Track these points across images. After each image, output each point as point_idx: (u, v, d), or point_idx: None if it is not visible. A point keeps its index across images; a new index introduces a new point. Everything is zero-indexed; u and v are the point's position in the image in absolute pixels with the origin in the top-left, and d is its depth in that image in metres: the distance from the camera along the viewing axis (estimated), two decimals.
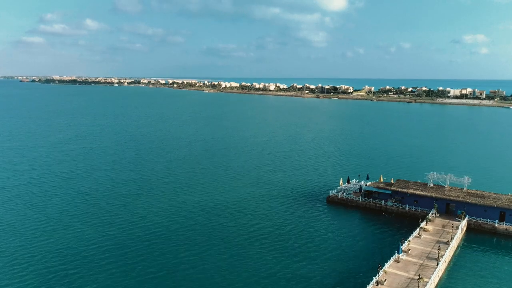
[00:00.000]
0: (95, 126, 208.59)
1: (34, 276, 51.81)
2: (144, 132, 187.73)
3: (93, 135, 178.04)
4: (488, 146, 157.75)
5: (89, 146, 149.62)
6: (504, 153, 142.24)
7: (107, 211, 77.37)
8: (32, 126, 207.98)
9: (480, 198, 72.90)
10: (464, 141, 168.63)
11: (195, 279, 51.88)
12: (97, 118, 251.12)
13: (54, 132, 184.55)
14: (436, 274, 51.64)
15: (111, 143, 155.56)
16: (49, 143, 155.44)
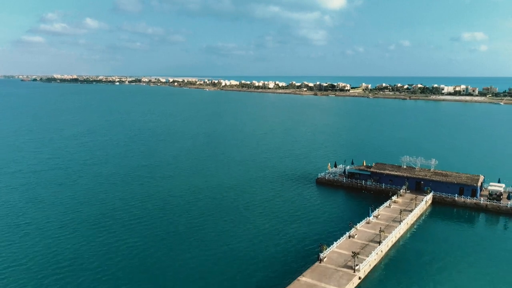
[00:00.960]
0: (103, 122, 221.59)
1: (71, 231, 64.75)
2: (150, 127, 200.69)
3: (103, 129, 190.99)
4: (460, 134, 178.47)
5: (101, 138, 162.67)
6: (471, 139, 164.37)
7: (127, 188, 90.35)
8: (45, 122, 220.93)
9: (444, 176, 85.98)
10: (440, 131, 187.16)
11: (209, 234, 64.72)
12: (103, 114, 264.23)
13: (66, 127, 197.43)
14: (398, 231, 64.69)
15: (122, 136, 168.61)
16: (64, 136, 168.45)
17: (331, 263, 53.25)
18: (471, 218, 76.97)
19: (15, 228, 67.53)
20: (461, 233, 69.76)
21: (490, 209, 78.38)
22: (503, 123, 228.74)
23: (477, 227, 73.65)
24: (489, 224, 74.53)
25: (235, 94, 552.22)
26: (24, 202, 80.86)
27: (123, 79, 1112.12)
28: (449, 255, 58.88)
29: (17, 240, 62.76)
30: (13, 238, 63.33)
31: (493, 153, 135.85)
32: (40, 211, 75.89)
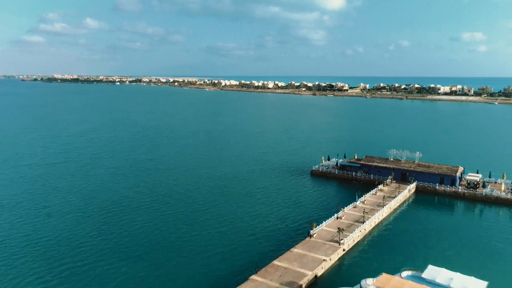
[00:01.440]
0: (107, 121, 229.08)
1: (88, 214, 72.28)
2: (153, 125, 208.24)
3: (107, 127, 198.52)
4: (446, 130, 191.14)
5: (107, 135, 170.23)
6: (456, 134, 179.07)
7: (135, 178, 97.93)
8: (50, 120, 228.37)
9: (426, 167, 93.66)
10: (427, 127, 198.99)
11: (212, 215, 72.24)
12: (106, 113, 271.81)
13: (72, 125, 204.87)
14: (380, 214, 72.33)
15: (126, 133, 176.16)
16: (71, 133, 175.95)
17: (319, 238, 60.85)
18: (450, 205, 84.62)
19: (41, 210, 75.23)
20: (440, 217, 77.39)
21: (467, 196, 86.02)
22: (490, 120, 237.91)
23: (455, 212, 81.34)
24: (466, 210, 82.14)
25: (235, 94, 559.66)
26: (43, 190, 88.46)
27: (123, 79, 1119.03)
28: (427, 236, 66.34)
29: (41, 220, 70.34)
30: (38, 219, 70.90)
31: (474, 147, 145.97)
32: (58, 197, 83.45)
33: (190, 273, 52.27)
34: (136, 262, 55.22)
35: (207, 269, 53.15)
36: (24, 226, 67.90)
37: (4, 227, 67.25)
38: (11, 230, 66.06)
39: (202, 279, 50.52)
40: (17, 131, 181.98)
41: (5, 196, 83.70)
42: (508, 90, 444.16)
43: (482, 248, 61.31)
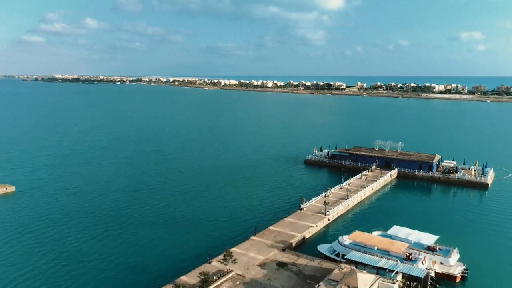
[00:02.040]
0: (112, 118, 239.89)
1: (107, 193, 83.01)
2: (157, 122, 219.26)
3: (113, 123, 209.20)
4: (430, 123, 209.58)
5: (114, 131, 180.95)
6: (438, 127, 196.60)
7: (145, 166, 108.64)
8: (59, 118, 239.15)
9: (407, 155, 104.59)
10: (413, 122, 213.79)
11: (215, 193, 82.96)
12: (110, 112, 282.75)
13: (80, 122, 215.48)
14: (363, 193, 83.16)
15: (132, 129, 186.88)
16: (80, 129, 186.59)
17: (309, 211, 71.64)
18: (427, 188, 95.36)
19: (65, 191, 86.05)
20: (417, 197, 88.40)
21: (443, 180, 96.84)
22: (475, 116, 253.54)
23: (430, 194, 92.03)
24: (440, 192, 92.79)
25: (235, 93, 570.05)
26: (64, 175, 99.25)
27: (124, 79, 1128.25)
28: (402, 210, 77.09)
29: (69, 198, 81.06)
30: (66, 197, 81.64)
31: (455, 139, 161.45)
32: (79, 180, 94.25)
33: (202, 235, 63.01)
34: (155, 228, 65.97)
35: (215, 232, 64.04)
36: (56, 202, 78.69)
37: (40, 204, 77.96)
38: (47, 206, 76.84)
39: (212, 239, 61.21)
40: (30, 127, 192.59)
41: (34, 180, 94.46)
42: (501, 88, 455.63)
43: (449, 219, 72.14)
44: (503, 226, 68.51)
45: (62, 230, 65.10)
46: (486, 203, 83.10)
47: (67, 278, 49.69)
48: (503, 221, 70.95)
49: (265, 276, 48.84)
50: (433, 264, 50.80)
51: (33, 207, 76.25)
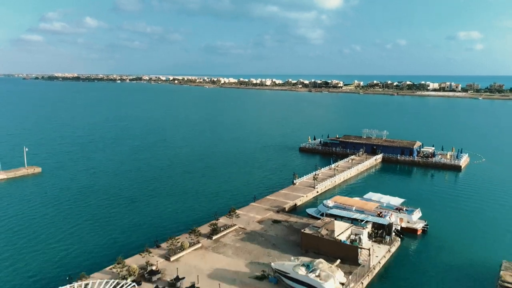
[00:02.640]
0: (117, 113, 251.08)
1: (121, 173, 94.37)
2: (161, 116, 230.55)
3: (119, 118, 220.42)
4: (415, 116, 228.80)
5: (121, 123, 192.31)
6: (422, 119, 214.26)
7: (153, 152, 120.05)
8: (67, 113, 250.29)
9: (391, 142, 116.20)
10: (402, 115, 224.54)
11: (216, 173, 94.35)
12: (115, 107, 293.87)
13: (87, 117, 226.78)
14: (349, 173, 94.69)
15: (138, 122, 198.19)
16: (89, 122, 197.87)
17: (300, 185, 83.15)
18: (408, 171, 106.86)
19: (84, 171, 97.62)
20: (398, 177, 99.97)
21: (422, 164, 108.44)
22: (461, 111, 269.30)
23: (411, 175, 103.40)
24: (419, 173, 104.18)
25: (234, 91, 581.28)
26: (83, 159, 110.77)
27: (124, 77, 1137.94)
28: (382, 185, 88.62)
29: (87, 177, 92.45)
30: (85, 176, 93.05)
31: (437, 129, 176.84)
32: (96, 163, 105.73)
33: (210, 201, 74.42)
34: (170, 198, 77.44)
35: (221, 199, 75.68)
36: (77, 180, 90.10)
37: (63, 182, 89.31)
38: (69, 183, 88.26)
39: (218, 204, 72.56)
40: (43, 120, 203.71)
41: (56, 163, 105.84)
42: (494, 86, 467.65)
43: (419, 191, 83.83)
44: (464, 196, 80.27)
45: (84, 202, 76.54)
46: (455, 181, 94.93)
47: (96, 237, 61.07)
48: (466, 193, 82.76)
49: (262, 228, 60.34)
50: (400, 221, 62.30)
51: (58, 184, 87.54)
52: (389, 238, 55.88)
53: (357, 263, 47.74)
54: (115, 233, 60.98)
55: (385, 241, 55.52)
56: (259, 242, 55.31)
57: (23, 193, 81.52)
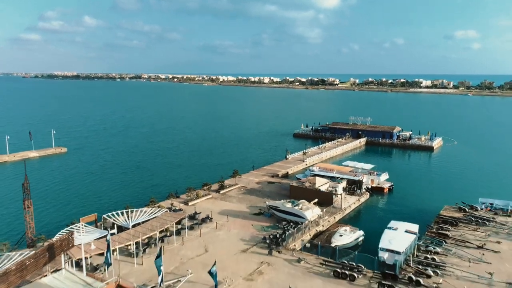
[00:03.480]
0: (123, 107, 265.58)
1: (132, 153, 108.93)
2: (164, 109, 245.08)
3: (125, 111, 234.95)
4: (403, 107, 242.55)
5: (128, 115, 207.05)
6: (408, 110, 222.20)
7: (160, 136, 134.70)
8: (76, 107, 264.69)
9: (373, 127, 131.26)
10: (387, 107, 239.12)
11: (217, 151, 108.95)
12: (120, 103, 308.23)
13: (96, 110, 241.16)
14: (334, 151, 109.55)
15: (144, 115, 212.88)
16: (99, 114, 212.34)
17: (292, 159, 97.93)
18: (388, 152, 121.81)
19: (103, 151, 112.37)
20: (378, 156, 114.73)
21: (400, 145, 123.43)
22: (446, 104, 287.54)
23: (390, 155, 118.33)
24: (398, 154, 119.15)
25: (233, 88, 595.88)
26: (100, 142, 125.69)
27: (123, 76, 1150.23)
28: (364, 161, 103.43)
29: (106, 155, 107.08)
30: (104, 155, 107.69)
31: (417, 117, 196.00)
32: (112, 145, 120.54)
33: (216, 170, 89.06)
34: (182, 168, 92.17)
35: (225, 168, 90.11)
36: (98, 157, 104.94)
37: (87, 159, 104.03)
38: (92, 160, 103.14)
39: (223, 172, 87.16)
40: (56, 112, 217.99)
41: (79, 144, 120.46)
42: (484, 83, 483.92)
43: (391, 162, 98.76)
44: (429, 167, 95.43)
45: (109, 170, 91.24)
46: (426, 157, 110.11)
47: (125, 195, 75.82)
48: (432, 165, 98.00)
49: (260, 186, 75.09)
50: (372, 183, 77.06)
51: (82, 161, 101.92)
52: (359, 192, 70.66)
53: (332, 205, 62.50)
54: (137, 192, 75.50)
55: (357, 193, 70.31)
56: (257, 195, 69.98)
57: (55, 167, 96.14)
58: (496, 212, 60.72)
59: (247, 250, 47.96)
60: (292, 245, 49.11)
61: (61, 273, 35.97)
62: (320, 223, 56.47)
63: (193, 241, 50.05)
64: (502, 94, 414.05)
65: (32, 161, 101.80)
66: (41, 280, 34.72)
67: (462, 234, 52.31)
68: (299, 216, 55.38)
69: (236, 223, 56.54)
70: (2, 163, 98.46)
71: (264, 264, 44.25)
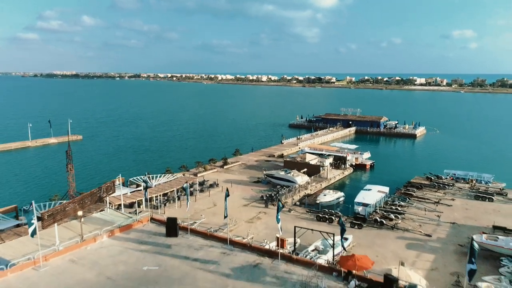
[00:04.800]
0: (126, 102, 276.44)
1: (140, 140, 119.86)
2: (166, 105, 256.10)
3: (130, 105, 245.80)
4: (392, 101, 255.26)
5: (133, 110, 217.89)
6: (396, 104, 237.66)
7: (165, 126, 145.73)
8: (81, 103, 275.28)
9: (362, 117, 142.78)
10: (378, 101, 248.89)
11: (218, 136, 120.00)
12: (122, 99, 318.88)
13: (101, 105, 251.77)
14: (326, 137, 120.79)
15: (148, 109, 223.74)
16: (105, 109, 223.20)
17: (287, 144, 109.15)
18: (376, 139, 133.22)
19: (114, 138, 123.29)
20: (365, 142, 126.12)
21: (386, 133, 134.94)
22: (436, 100, 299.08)
23: (377, 142, 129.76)
24: (384, 141, 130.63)
25: (231, 86, 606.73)
26: (111, 131, 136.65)
27: (122, 75, 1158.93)
28: None
29: (117, 142, 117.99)
30: (115, 141, 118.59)
31: (404, 109, 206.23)
32: (122, 133, 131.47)
33: (220, 151, 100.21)
34: (184, 150, 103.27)
35: (227, 150, 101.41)
36: (111, 143, 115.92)
37: (101, 145, 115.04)
38: (105, 145, 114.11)
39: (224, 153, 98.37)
40: (64, 107, 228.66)
41: (93, 133, 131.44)
42: (476, 81, 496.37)
43: (374, 145, 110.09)
44: (408, 151, 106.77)
45: (125, 152, 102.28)
46: (408, 143, 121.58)
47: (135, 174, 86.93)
48: (411, 149, 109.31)
49: (258, 164, 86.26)
50: (356, 160, 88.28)
51: (97, 146, 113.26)
52: (344, 166, 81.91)
53: (319, 174, 73.71)
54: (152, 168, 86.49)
55: (341, 168, 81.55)
56: (256, 169, 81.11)
57: (74, 150, 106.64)
58: (457, 180, 72.09)
59: (248, 205, 59.19)
60: (284, 202, 60.30)
61: (106, 211, 47.12)
62: (308, 188, 67.66)
63: (204, 199, 61.17)
64: (493, 91, 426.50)
65: (52, 146, 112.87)
66: (92, 215, 45.77)
67: (424, 194, 63.66)
68: (291, 181, 66.55)
69: (238, 188, 67.63)
70: (25, 148, 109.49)
71: (261, 213, 55.47)
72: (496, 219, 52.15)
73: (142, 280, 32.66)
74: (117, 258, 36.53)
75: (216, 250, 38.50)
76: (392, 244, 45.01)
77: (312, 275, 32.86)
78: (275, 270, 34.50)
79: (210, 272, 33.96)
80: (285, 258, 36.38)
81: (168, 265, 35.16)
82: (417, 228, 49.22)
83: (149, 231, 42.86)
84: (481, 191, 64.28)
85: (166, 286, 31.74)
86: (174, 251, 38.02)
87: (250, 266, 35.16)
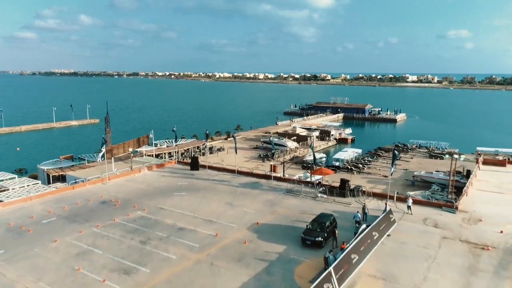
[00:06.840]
0: (130, 97, 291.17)
1: None
2: (169, 100, 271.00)
3: (134, 99, 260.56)
4: (384, 95, 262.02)
5: (138, 102, 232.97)
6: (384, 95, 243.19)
7: (169, 118, 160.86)
8: (86, 98, 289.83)
9: (349, 105, 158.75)
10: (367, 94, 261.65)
11: (219, 123, 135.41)
12: (125, 94, 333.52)
13: (108, 97, 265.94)
14: (315, 121, 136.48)
15: (151, 101, 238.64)
16: (112, 101, 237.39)
17: (281, 125, 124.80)
18: (362, 123, 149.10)
19: (131, 121, 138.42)
20: (352, 126, 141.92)
21: (370, 119, 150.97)
22: (425, 95, 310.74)
23: (363, 126, 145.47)
24: (368, 125, 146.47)
25: (229, 84, 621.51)
26: (123, 117, 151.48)
27: (120, 73, 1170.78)
28: None
29: (129, 124, 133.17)
30: (133, 123, 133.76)
31: (390, 100, 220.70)
32: (134, 118, 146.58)
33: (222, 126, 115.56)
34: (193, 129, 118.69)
35: (228, 129, 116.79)
36: (124, 124, 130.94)
37: (119, 125, 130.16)
38: (119, 126, 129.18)
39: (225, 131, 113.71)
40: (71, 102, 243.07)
41: None
42: (466, 79, 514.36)
43: (360, 127, 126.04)
44: (386, 131, 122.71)
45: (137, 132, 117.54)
46: (390, 126, 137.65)
47: None
48: (389, 129, 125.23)
49: (256, 137, 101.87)
50: (339, 135, 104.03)
51: (114, 127, 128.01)
52: (328, 139, 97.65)
53: (307, 143, 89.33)
54: None
55: (326, 140, 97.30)
56: (254, 141, 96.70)
57: (95, 130, 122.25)
58: (420, 148, 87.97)
59: (248, 160, 74.81)
60: (277, 158, 75.98)
61: (143, 157, 62.65)
62: (297, 151, 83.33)
63: (213, 157, 76.66)
64: (481, 87, 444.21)
65: (74, 128, 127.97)
66: (133, 159, 61.18)
67: (389, 155, 79.41)
68: (283, 146, 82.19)
69: (241, 152, 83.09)
70: (51, 128, 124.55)
71: (260, 165, 71.09)
72: (440, 168, 67.95)
73: (179, 188, 48.24)
74: (158, 179, 52.18)
75: (228, 175, 54.29)
76: (356, 181, 60.59)
77: (295, 185, 48.65)
78: (269, 184, 50.23)
79: (225, 185, 49.62)
80: (276, 178, 52.11)
81: (195, 183, 50.79)
82: (378, 172, 64.91)
83: (178, 168, 58.51)
84: (435, 152, 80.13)
85: (196, 191, 47.31)
86: (197, 177, 53.69)
87: (252, 183, 50.86)
